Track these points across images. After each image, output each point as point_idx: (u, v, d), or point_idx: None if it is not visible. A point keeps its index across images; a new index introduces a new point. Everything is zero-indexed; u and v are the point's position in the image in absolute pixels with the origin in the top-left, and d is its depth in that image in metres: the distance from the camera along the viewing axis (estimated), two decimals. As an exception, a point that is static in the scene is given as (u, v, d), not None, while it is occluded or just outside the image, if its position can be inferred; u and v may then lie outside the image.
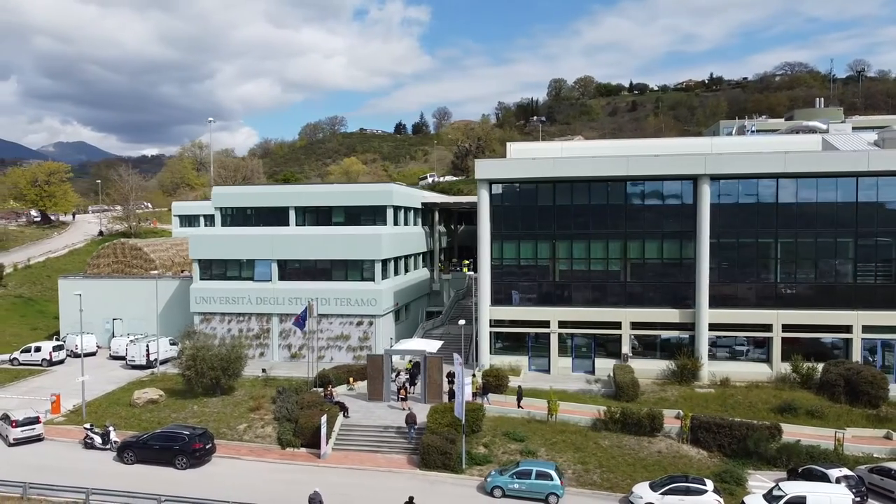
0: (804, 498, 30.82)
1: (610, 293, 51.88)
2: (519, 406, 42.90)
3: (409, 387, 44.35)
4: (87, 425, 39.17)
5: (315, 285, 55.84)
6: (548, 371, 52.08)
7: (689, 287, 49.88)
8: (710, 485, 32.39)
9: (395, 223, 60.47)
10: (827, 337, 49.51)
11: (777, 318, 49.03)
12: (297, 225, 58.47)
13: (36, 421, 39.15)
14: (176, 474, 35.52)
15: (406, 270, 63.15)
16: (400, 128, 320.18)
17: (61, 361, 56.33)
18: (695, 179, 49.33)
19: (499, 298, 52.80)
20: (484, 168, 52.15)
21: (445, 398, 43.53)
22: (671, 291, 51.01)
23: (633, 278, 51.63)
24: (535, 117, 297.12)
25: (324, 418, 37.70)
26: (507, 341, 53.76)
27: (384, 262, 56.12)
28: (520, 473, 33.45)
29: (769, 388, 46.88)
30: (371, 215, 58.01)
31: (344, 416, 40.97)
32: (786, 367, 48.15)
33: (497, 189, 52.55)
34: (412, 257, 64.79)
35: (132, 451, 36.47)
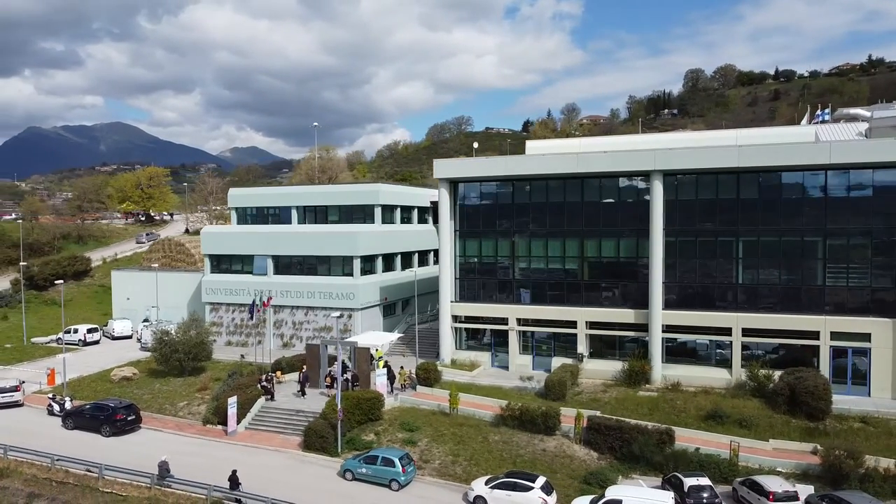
0: (620, 501, 30.24)
1: (568, 292, 51.46)
2: (391, 389, 45.48)
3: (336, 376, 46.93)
4: (51, 395, 45.79)
5: (303, 279, 60.10)
6: (507, 368, 52.56)
7: (645, 287, 48.37)
8: (539, 482, 32.43)
9: (391, 221, 63.49)
10: (796, 343, 45.94)
11: (737, 321, 46.37)
12: (298, 223, 63.14)
13: (15, 389, 46.34)
14: (99, 440, 40.97)
15: (406, 266, 65.63)
16: (527, 125, 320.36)
17: (96, 342, 64.76)
18: (647, 176, 47.81)
19: (461, 294, 54.13)
20: (442, 167, 53.57)
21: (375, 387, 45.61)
22: (628, 291, 49.81)
23: (590, 277, 50.92)
24: (665, 110, 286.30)
25: (231, 399, 41.52)
26: (477, 337, 54.78)
27: (365, 259, 59.07)
28: (368, 459, 35.28)
29: (718, 394, 44.65)
30: (361, 214, 61.35)
31: (267, 399, 44.45)
32: (745, 374, 45.52)
33: (460, 188, 53.77)
34: (414, 254, 67.09)
35: (72, 419, 42.41)
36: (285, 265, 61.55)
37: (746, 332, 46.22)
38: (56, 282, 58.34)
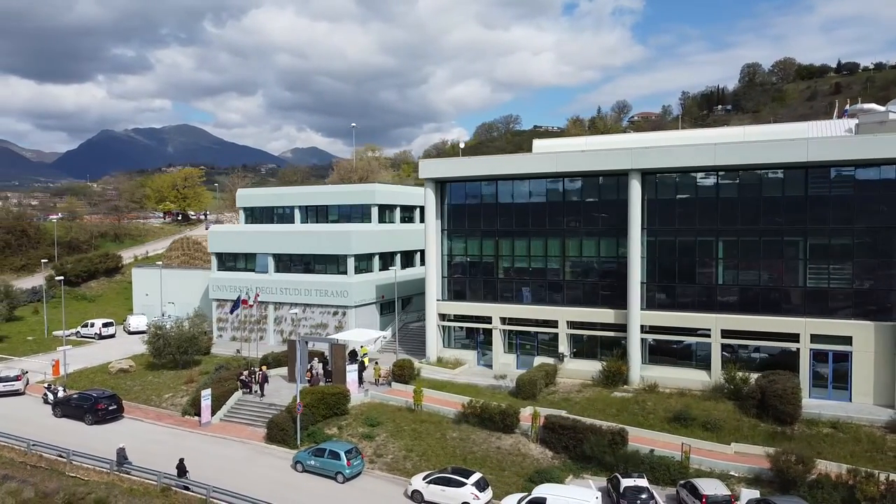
0: (544, 500, 30.50)
1: (550, 291, 51.49)
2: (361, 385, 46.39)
3: (314, 371, 48.26)
4: (46, 385, 48.58)
5: (301, 277, 61.78)
6: (492, 367, 52.81)
7: (625, 287, 47.92)
8: (472, 478, 32.90)
9: (390, 220, 64.66)
10: (776, 345, 44.84)
11: (716, 322, 45.51)
12: (301, 223, 64.97)
13: (17, 379, 49.32)
14: (83, 427, 43.38)
15: (408, 265, 66.65)
16: (577, 123, 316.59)
17: (111, 336, 68.00)
18: (626, 175, 47.38)
19: (447, 293, 54.68)
20: (427, 167, 54.23)
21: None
22: (608, 291, 49.43)
23: (572, 277, 50.77)
24: (719, 106, 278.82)
25: (205, 392, 43.27)
26: (472, 336, 54.99)
27: (359, 257, 60.31)
28: (316, 452, 36.36)
29: (694, 396, 43.98)
30: (359, 213, 62.72)
31: (245, 393, 46.05)
32: (723, 376, 44.67)
33: (447, 188, 54.29)
34: (416, 253, 67.92)
35: (60, 408, 44.96)
36: (285, 263, 63.34)
37: (726, 333, 45.34)
38: (57, 278, 61.09)
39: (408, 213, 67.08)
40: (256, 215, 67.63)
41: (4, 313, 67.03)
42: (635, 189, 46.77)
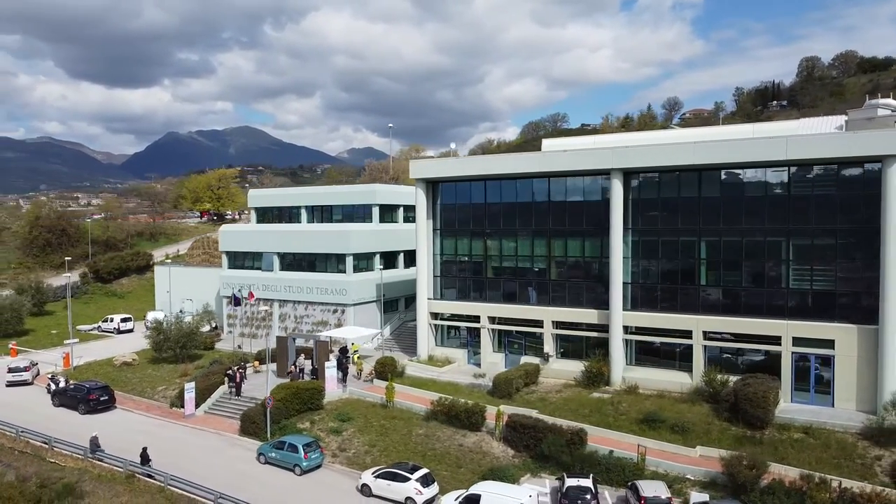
0: (479, 497, 30.88)
1: (536, 291, 51.52)
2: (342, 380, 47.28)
3: (297, 367, 49.47)
4: (49, 375, 51.25)
5: (303, 275, 63.33)
6: (480, 366, 53.15)
7: (608, 287, 47.62)
8: (417, 474, 33.46)
9: (392, 220, 65.63)
10: (757, 348, 43.87)
11: (697, 323, 44.82)
12: (308, 222, 66.58)
13: (25, 370, 52.21)
14: (76, 417, 45.69)
15: (411, 264, 67.32)
16: (627, 121, 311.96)
17: (130, 331, 70.97)
18: (608, 174, 47.08)
19: (438, 292, 55.26)
20: (418, 168, 54.91)
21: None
22: (591, 291, 49.20)
23: (557, 276, 50.69)
24: (774, 102, 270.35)
25: (189, 385, 45.03)
26: (460, 335, 55.47)
27: (359, 256, 61.45)
28: (277, 444, 37.52)
29: (672, 398, 43.47)
30: (361, 213, 63.90)
31: (230, 387, 47.62)
32: (703, 379, 43.99)
33: (439, 188, 54.85)
34: (420, 252, 68.58)
35: (58, 398, 47.47)
36: (289, 262, 65.01)
37: (708, 335, 44.62)
38: (65, 275, 63.97)
39: (412, 213, 67.71)
40: (267, 215, 69.60)
41: (29, 308, 70.75)
42: (617, 188, 46.41)
